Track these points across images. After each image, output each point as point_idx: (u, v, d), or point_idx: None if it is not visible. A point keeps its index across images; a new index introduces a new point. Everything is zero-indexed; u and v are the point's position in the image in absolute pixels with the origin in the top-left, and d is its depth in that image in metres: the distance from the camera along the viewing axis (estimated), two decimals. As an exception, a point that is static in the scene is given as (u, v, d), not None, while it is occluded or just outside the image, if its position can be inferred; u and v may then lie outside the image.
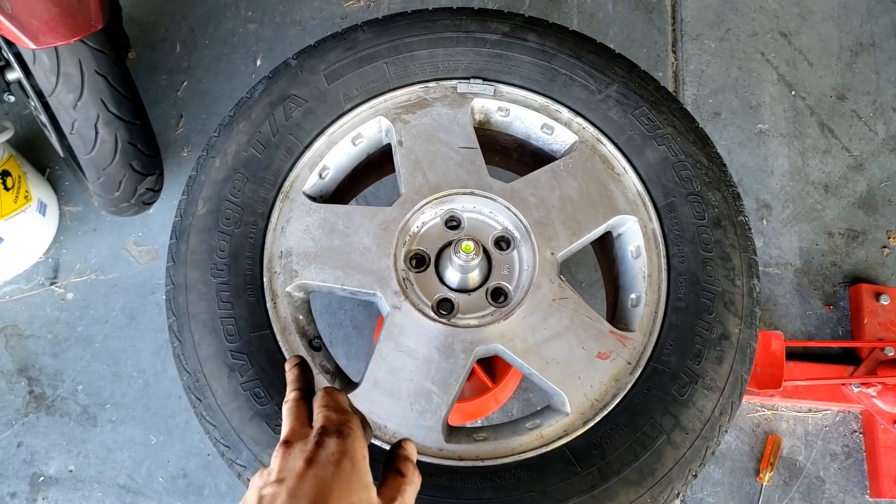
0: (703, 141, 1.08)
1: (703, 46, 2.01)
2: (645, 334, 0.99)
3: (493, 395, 1.50)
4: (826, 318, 1.76)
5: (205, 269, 0.98)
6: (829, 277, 1.79)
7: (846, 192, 1.88)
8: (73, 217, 1.78)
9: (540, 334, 0.99)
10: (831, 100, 1.98)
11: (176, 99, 1.89)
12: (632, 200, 1.06)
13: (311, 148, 1.06)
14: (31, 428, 1.62)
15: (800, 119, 1.95)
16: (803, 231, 1.84)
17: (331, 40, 1.12)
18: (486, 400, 1.50)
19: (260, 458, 0.90)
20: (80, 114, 1.23)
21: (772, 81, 1.99)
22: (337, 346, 1.70)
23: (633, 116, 1.08)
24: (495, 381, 1.53)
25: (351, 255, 1.02)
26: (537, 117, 1.12)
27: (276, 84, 1.08)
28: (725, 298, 0.99)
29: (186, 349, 0.95)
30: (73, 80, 1.20)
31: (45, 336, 1.69)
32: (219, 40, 1.95)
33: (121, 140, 1.30)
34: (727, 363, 0.96)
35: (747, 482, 1.61)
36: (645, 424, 0.93)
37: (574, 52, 1.11)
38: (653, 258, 1.04)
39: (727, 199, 1.05)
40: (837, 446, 1.65)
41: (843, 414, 1.68)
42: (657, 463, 0.91)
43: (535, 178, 1.08)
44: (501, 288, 1.06)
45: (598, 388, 0.97)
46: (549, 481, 0.90)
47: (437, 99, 1.11)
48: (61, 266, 1.74)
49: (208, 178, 1.02)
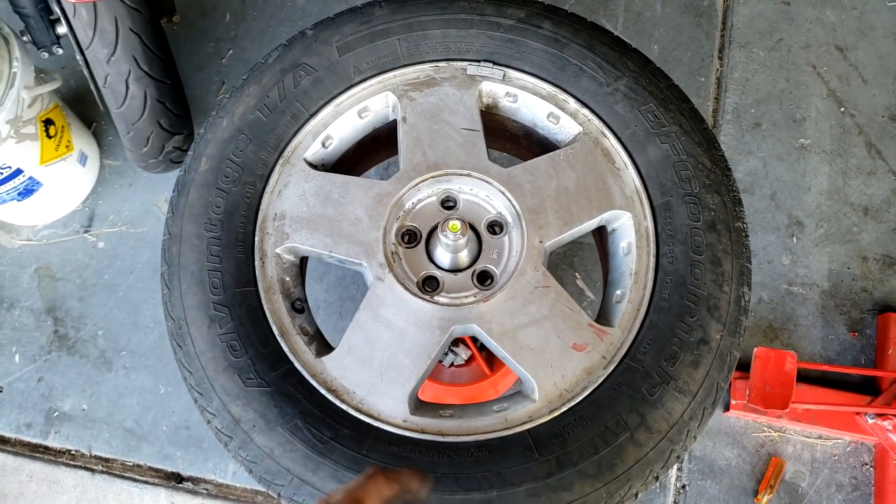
0: (710, 143, 1.06)
1: (751, 55, 1.95)
2: (624, 331, 0.98)
3: (491, 382, 1.50)
4: (849, 345, 1.69)
5: (199, 223, 1.02)
6: (858, 303, 1.72)
7: (888, 217, 1.80)
8: (112, 171, 1.86)
9: (518, 320, 0.99)
10: (883, 119, 1.89)
11: (220, 66, 1.95)
12: (628, 196, 1.05)
13: (316, 116, 1.09)
14: (53, 365, 1.71)
15: (846, 137, 1.87)
16: (835, 253, 1.76)
17: (348, 13, 1.14)
18: (484, 387, 1.50)
19: (228, 407, 0.93)
20: (113, 68, 1.30)
21: (821, 96, 1.91)
22: (346, 318, 1.73)
23: (640, 112, 1.07)
24: (493, 370, 1.53)
25: (342, 224, 1.04)
26: (544, 105, 1.11)
27: (290, 52, 1.11)
28: (710, 303, 0.97)
29: (174, 297, 0.99)
30: (108, 35, 1.26)
31: (74, 280, 1.77)
32: (267, 13, 2.00)
33: (150, 97, 1.35)
34: (703, 368, 0.94)
35: (744, 501, 1.57)
36: (610, 419, 0.92)
37: (587, 42, 1.10)
38: (642, 256, 1.02)
39: (726, 203, 1.02)
40: (845, 477, 1.59)
41: (854, 445, 1.61)
42: (617, 459, 0.90)
43: (533, 165, 1.07)
44: (488, 271, 1.07)
45: (570, 379, 0.96)
46: (506, 464, 0.90)
47: (446, 79, 1.11)
48: (96, 216, 1.83)
49: (214, 136, 1.06)
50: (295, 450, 0.91)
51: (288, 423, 0.92)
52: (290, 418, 0.93)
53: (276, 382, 0.95)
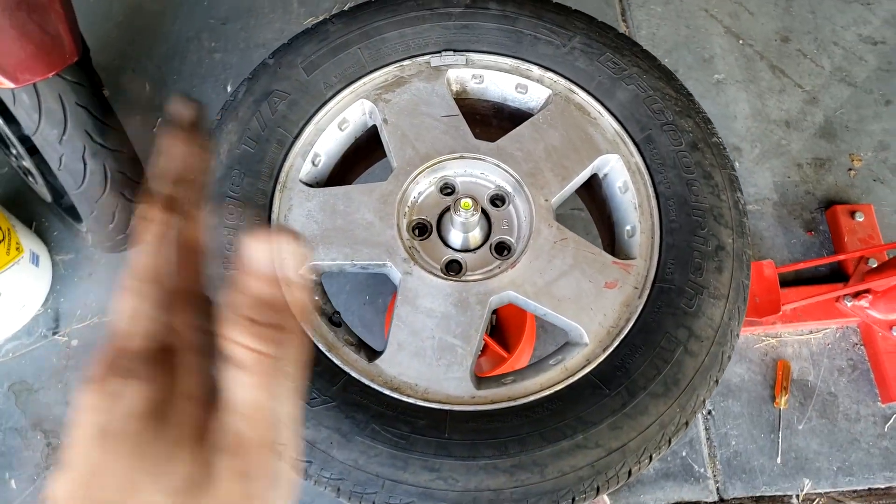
0: (668, 76, 1.14)
1: (650, 11, 2.10)
2: (646, 259, 1.04)
3: (510, 364, 1.54)
4: (810, 244, 1.83)
5: (217, 265, 1.00)
6: (806, 205, 1.87)
7: (806, 125, 1.97)
8: (67, 265, 1.79)
9: (548, 275, 1.03)
10: (777, 43, 2.08)
11: (154, 136, 1.92)
12: (611, 140, 1.12)
13: (300, 138, 1.10)
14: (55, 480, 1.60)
15: (751, 65, 2.04)
16: (774, 167, 1.91)
17: (303, 36, 1.16)
18: (505, 370, 1.53)
19: (300, 433, 0.92)
20: (67, 147, 1.26)
21: (719, 34, 2.08)
22: (369, 326, 1.73)
23: (600, 63, 1.14)
24: (510, 351, 1.56)
25: (356, 231, 1.05)
26: (510, 79, 1.17)
27: (257, 83, 1.12)
28: (714, 213, 1.04)
29: (212, 342, 0.97)
30: (55, 114, 1.23)
31: (55, 386, 1.68)
32: (187, 73, 1.99)
33: (109, 169, 1.32)
34: (727, 271, 1.01)
35: (766, 409, 1.66)
36: (661, 340, 0.97)
37: (534, 12, 1.17)
38: (640, 189, 1.09)
39: (699, 124, 1.10)
40: (843, 361, 1.71)
41: (841, 330, 1.74)
42: (679, 373, 0.95)
43: (518, 133, 1.12)
44: (504, 241, 1.10)
45: (612, 316, 1.01)
46: (581, 407, 0.94)
47: (413, 75, 1.15)
48: (62, 315, 1.74)
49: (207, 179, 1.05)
50: (380, 453, 0.91)
51: (365, 430, 0.92)
52: (365, 425, 0.92)
53: (340, 396, 0.95)
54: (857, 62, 2.05)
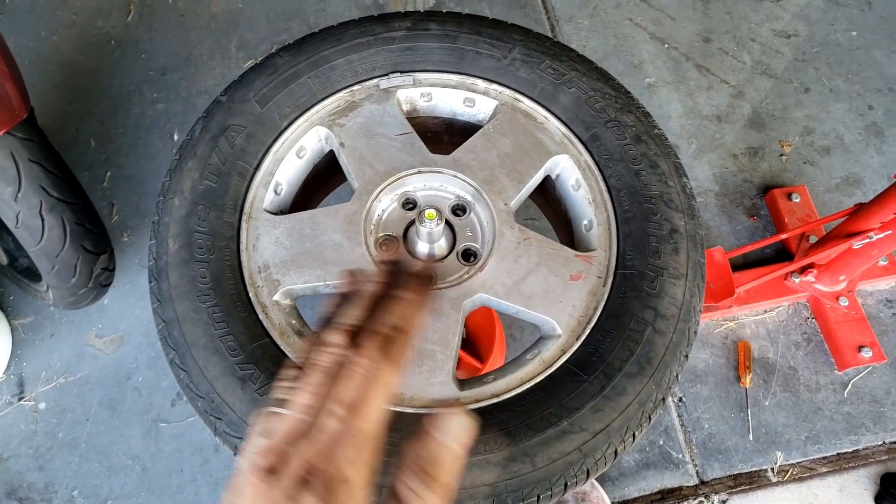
0: (606, 76, 1.21)
1: (578, 25, 2.20)
2: (606, 249, 1.09)
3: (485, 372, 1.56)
4: (754, 228, 1.93)
5: (192, 299, 1.01)
6: (746, 192, 1.97)
7: (736, 117, 2.08)
8: (26, 329, 1.75)
9: (515, 275, 1.07)
10: (699, 44, 2.20)
11: (103, 191, 1.90)
12: (559, 141, 1.17)
13: (260, 168, 1.13)
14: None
15: (678, 66, 2.16)
16: (711, 160, 2.01)
17: (253, 71, 1.19)
18: (479, 381, 1.56)
19: (293, 452, 0.93)
20: (23, 204, 1.25)
21: (645, 40, 2.19)
22: None
23: (540, 70, 1.20)
24: (483, 361, 1.59)
25: (325, 252, 1.08)
26: (457, 94, 1.22)
27: (212, 120, 1.14)
28: (665, 199, 1.10)
29: (194, 376, 0.98)
30: (8, 172, 1.22)
31: (25, 453, 1.63)
32: (131, 126, 1.98)
33: (68, 222, 1.32)
34: (683, 252, 1.07)
35: (733, 390, 1.72)
36: (630, 322, 1.02)
37: (473, 29, 1.23)
38: (592, 185, 1.14)
39: (640, 118, 1.17)
40: (798, 335, 1.79)
41: (793, 306, 1.83)
42: (651, 352, 1.00)
43: (471, 144, 1.17)
44: (469, 248, 1.14)
45: (580, 306, 1.05)
46: (563, 395, 0.97)
47: (364, 98, 1.20)
48: (25, 379, 1.70)
49: (172, 217, 1.07)
50: (373, 463, 0.92)
51: (356, 443, 0.93)
52: (356, 438, 0.94)
53: (327, 413, 0.96)
54: (774, 55, 2.19)
